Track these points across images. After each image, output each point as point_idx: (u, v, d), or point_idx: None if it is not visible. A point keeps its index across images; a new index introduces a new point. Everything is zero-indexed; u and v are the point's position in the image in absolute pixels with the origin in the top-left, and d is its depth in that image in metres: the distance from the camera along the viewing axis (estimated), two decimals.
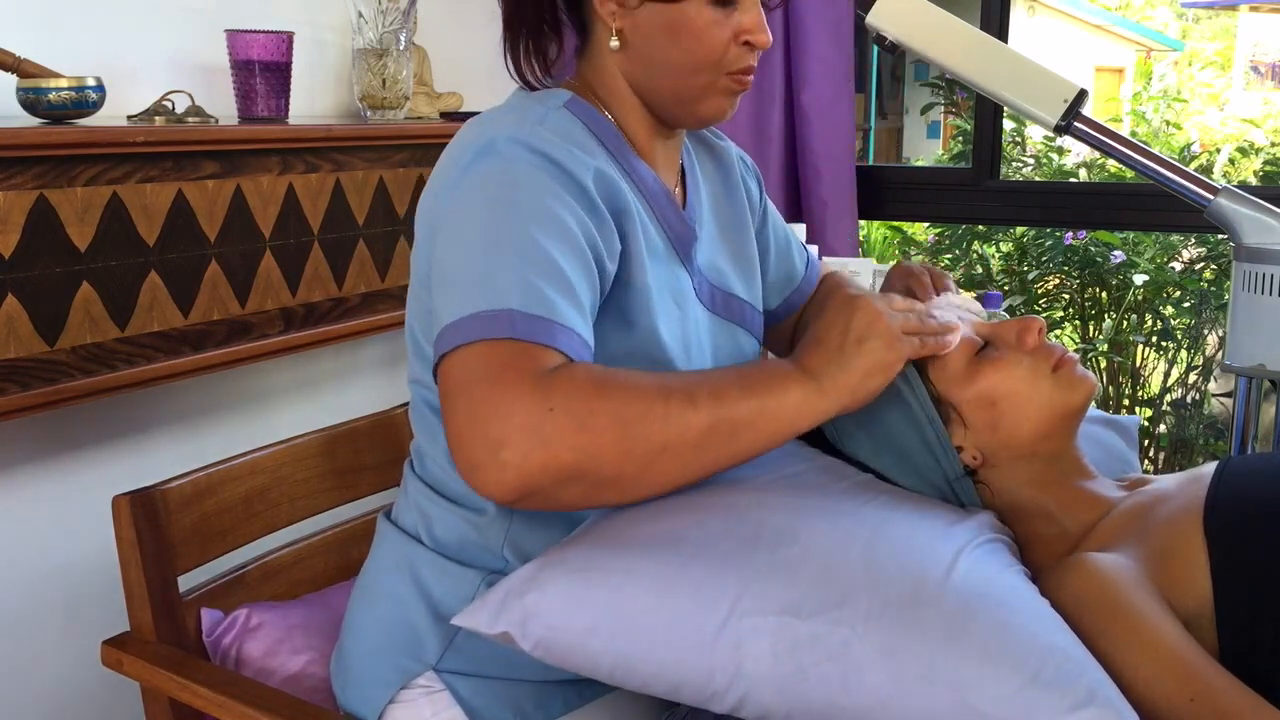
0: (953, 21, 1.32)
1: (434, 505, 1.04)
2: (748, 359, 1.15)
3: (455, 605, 1.00)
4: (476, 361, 0.82)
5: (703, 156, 1.16)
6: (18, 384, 1.26)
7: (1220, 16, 10.99)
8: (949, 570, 0.85)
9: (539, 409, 0.79)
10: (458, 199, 0.92)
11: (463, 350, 0.83)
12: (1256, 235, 1.25)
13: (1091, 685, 0.77)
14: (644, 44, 0.99)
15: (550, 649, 0.88)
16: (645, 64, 1.00)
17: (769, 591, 0.84)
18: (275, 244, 1.56)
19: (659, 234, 1.02)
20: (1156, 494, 1.00)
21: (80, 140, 1.28)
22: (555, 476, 0.80)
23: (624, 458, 0.82)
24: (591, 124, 1.01)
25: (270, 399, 1.81)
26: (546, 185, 0.90)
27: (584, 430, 0.80)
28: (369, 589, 1.08)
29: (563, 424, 0.79)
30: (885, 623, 0.81)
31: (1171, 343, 3.24)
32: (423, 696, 1.01)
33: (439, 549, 1.03)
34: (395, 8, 1.75)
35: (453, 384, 0.83)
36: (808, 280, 1.28)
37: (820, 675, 0.80)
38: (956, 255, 3.50)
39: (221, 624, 1.16)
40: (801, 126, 2.08)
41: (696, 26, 0.96)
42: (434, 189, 0.98)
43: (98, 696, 1.55)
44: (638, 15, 0.97)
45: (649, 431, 0.82)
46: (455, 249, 0.89)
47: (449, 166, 0.97)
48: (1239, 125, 5.08)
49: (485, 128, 0.96)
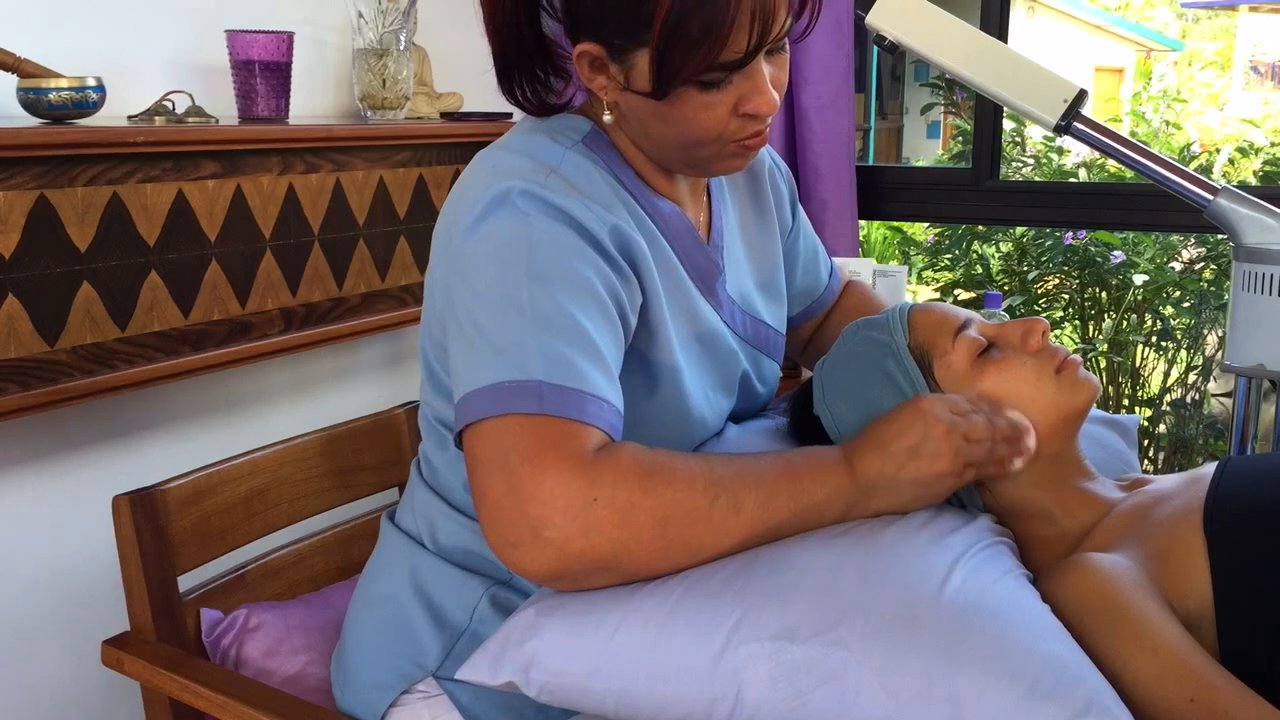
0: (953, 21, 1.32)
1: (441, 513, 1.04)
2: (771, 385, 1.15)
3: (456, 612, 1.00)
4: (510, 437, 0.81)
5: (732, 179, 1.14)
6: (18, 384, 1.26)
7: (1220, 16, 11.00)
8: (944, 583, 0.84)
9: (583, 497, 0.79)
10: (473, 252, 0.89)
11: (492, 423, 0.82)
12: (1256, 235, 1.25)
13: (1089, 693, 0.77)
14: (638, 120, 0.95)
15: (555, 693, 0.87)
16: (644, 135, 0.96)
17: (764, 617, 0.83)
18: (275, 244, 1.56)
19: (684, 272, 1.01)
20: (1156, 494, 1.00)
21: (80, 140, 1.28)
22: (592, 565, 0.81)
23: (659, 556, 0.83)
24: (609, 162, 0.98)
25: (270, 399, 1.81)
26: (564, 242, 0.88)
27: (627, 525, 0.81)
28: (370, 591, 1.08)
29: (605, 515, 0.80)
30: (881, 642, 0.80)
31: (1171, 343, 3.24)
32: (421, 701, 1.00)
33: (443, 555, 1.03)
34: (395, 8, 1.75)
35: (485, 457, 0.82)
36: (830, 290, 1.29)
37: (819, 698, 0.80)
38: (956, 255, 3.51)
39: (221, 624, 1.16)
40: (801, 126, 2.08)
41: (687, 114, 0.90)
42: (447, 229, 0.94)
43: (98, 696, 1.55)
44: (626, 95, 0.92)
45: (689, 535, 0.83)
46: (474, 307, 0.87)
47: (462, 209, 0.92)
48: (1239, 125, 5.07)
49: (499, 173, 0.92)
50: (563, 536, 0.79)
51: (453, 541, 1.03)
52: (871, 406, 1.04)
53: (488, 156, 0.97)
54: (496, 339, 0.85)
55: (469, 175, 0.97)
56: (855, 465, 0.90)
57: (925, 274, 3.78)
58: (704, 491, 0.84)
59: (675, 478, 0.83)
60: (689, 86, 0.88)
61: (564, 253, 0.88)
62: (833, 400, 1.07)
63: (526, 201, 0.89)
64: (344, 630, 1.10)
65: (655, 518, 0.82)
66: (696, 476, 0.84)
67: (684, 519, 0.83)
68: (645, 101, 0.91)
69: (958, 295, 3.47)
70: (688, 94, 0.89)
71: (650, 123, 0.93)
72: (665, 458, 0.85)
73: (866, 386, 1.05)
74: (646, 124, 0.94)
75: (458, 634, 1.00)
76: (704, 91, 0.89)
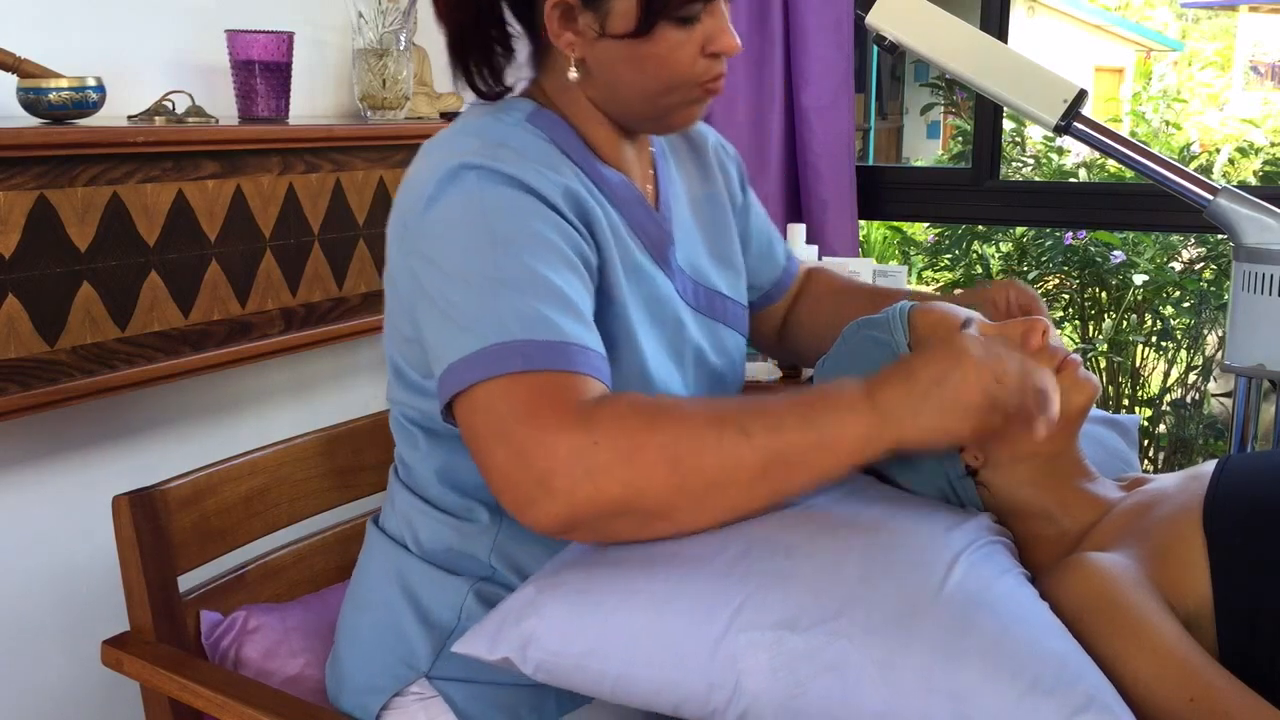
0: (953, 21, 1.32)
1: (420, 513, 1.04)
2: (733, 357, 1.14)
3: (444, 613, 1.00)
4: (502, 399, 0.82)
5: (679, 147, 1.15)
6: (18, 384, 1.26)
7: (1220, 16, 10.99)
8: (946, 578, 0.84)
9: (584, 442, 0.79)
10: (431, 231, 0.90)
11: (482, 389, 0.83)
12: (1256, 235, 1.25)
13: (1090, 690, 0.77)
14: (607, 72, 0.96)
15: (551, 672, 0.87)
16: (610, 89, 0.97)
17: (765, 605, 0.83)
18: (275, 244, 1.56)
19: (634, 242, 1.02)
20: (1156, 493, 1.00)
21: (80, 140, 1.28)
22: (604, 510, 0.80)
23: (676, 493, 0.82)
24: (555, 136, 0.99)
25: (269, 399, 1.81)
26: (521, 206, 0.89)
27: (632, 464, 0.80)
28: (359, 595, 1.08)
29: (608, 458, 0.79)
30: (883, 634, 0.80)
31: (1171, 343, 3.24)
32: (416, 703, 1.00)
33: (426, 557, 1.03)
34: (395, 8, 1.75)
35: (481, 424, 0.83)
36: (788, 274, 1.28)
37: (819, 688, 0.80)
38: (956, 255, 3.51)
39: (220, 626, 1.16)
40: (801, 126, 2.08)
41: (662, 53, 0.93)
42: (402, 216, 0.95)
43: (98, 696, 1.55)
44: (599, 45, 0.94)
45: (702, 465, 0.81)
46: (443, 285, 0.88)
47: (414, 193, 0.93)
48: (1239, 125, 5.07)
49: (448, 152, 0.93)
50: (569, 484, 0.79)
51: (434, 542, 1.03)
52: None
53: (434, 143, 0.98)
54: (471, 308, 0.85)
55: (417, 164, 0.98)
56: (876, 393, 0.84)
57: (925, 274, 3.79)
58: (708, 423, 0.82)
59: (678, 414, 0.82)
60: (667, 23, 0.92)
61: (522, 215, 0.88)
62: None
63: (478, 174, 0.90)
64: (336, 634, 1.10)
65: (663, 455, 0.80)
66: (699, 411, 0.83)
67: (693, 451, 0.81)
68: (619, 49, 0.93)
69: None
70: (664, 32, 0.92)
71: (622, 71, 0.95)
72: (665, 398, 0.85)
73: None
74: (618, 74, 0.95)
75: (447, 634, 1.00)
76: (680, 28, 0.92)
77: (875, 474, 1.05)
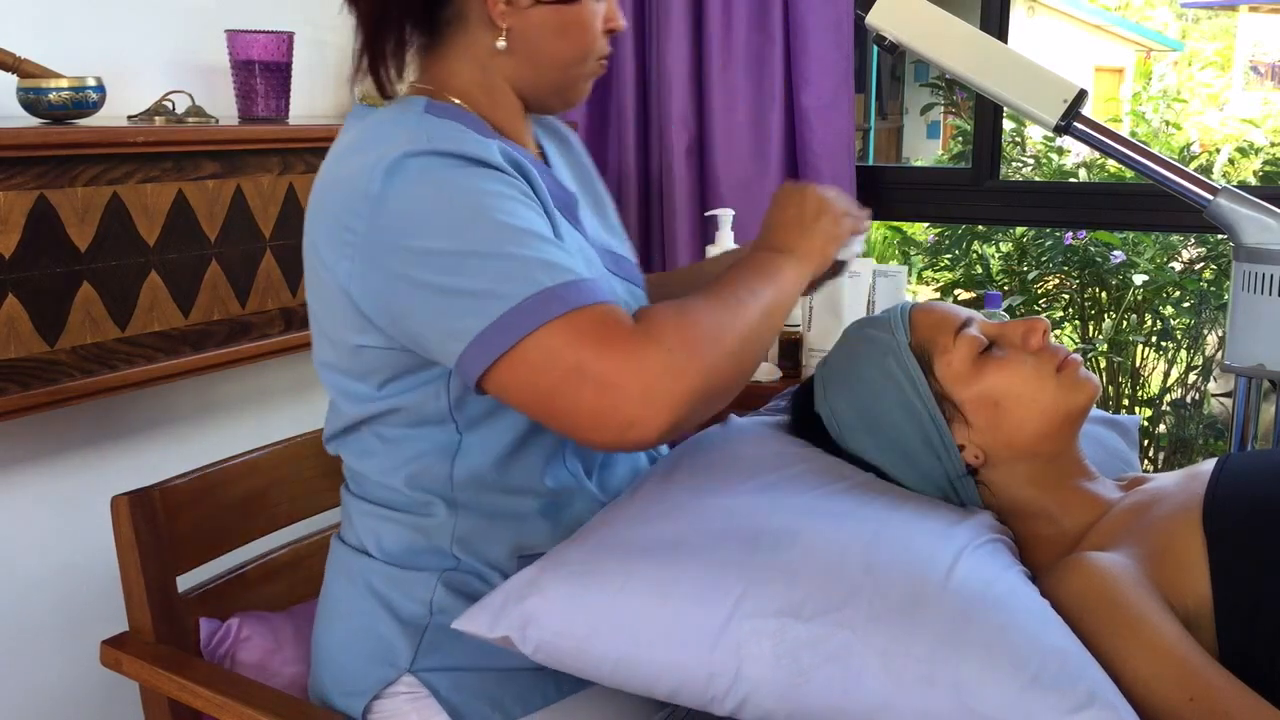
0: (952, 21, 1.32)
1: (378, 520, 1.04)
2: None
3: (414, 607, 1.01)
4: (563, 343, 0.83)
5: (550, 138, 1.17)
6: (18, 384, 1.26)
7: (1220, 16, 10.99)
8: (949, 572, 0.85)
9: (660, 353, 0.83)
10: (396, 225, 0.88)
11: (531, 341, 0.83)
12: (1256, 235, 1.25)
13: (1092, 686, 0.77)
14: (530, 42, 1.00)
15: (550, 653, 0.88)
16: (530, 60, 1.01)
17: (770, 593, 0.84)
18: (275, 244, 1.56)
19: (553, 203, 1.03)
20: (1155, 492, 1.00)
21: (80, 140, 1.28)
22: (694, 402, 0.84)
23: (730, 361, 0.88)
24: (462, 121, 0.99)
25: (270, 399, 1.81)
26: (476, 175, 0.90)
27: (699, 355, 0.85)
28: (329, 609, 1.08)
29: (683, 358, 0.84)
30: (886, 625, 0.81)
31: (1171, 343, 3.24)
32: (408, 703, 1.00)
33: (390, 560, 1.03)
34: None
35: (545, 374, 0.84)
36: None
37: (821, 677, 0.80)
38: (956, 255, 3.51)
39: (217, 633, 1.16)
40: (801, 126, 2.08)
41: (584, 20, 1.00)
42: (339, 222, 0.92)
43: (97, 696, 1.55)
44: (529, 15, 0.98)
45: (735, 332, 0.89)
46: (438, 267, 0.87)
47: (349, 197, 0.91)
48: (1239, 125, 5.07)
49: (374, 152, 0.91)
50: (667, 393, 0.82)
51: (396, 544, 1.03)
52: (872, 405, 1.04)
53: (346, 149, 0.97)
54: (483, 277, 0.85)
55: (333, 172, 0.96)
56: (773, 243, 1.02)
57: (925, 274, 3.78)
58: (719, 303, 0.91)
59: (695, 306, 0.90)
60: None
61: (480, 180, 0.90)
62: (834, 398, 1.07)
63: (419, 159, 0.90)
64: (312, 651, 1.09)
65: (712, 338, 0.87)
66: (703, 299, 0.91)
67: (724, 325, 0.89)
68: (548, 17, 0.99)
69: (958, 295, 3.47)
70: (586, 2, 1.00)
71: (547, 40, 1.01)
72: (665, 303, 0.90)
73: (867, 385, 1.05)
74: (542, 42, 1.01)
75: (422, 628, 1.01)
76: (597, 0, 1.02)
77: (877, 473, 1.05)
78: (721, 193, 2.08)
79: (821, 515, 0.92)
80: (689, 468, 1.03)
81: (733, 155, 2.09)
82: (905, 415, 1.02)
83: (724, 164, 2.09)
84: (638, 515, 0.95)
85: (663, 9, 2.07)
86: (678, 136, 2.09)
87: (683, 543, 0.89)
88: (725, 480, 0.99)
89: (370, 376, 0.97)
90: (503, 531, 1.01)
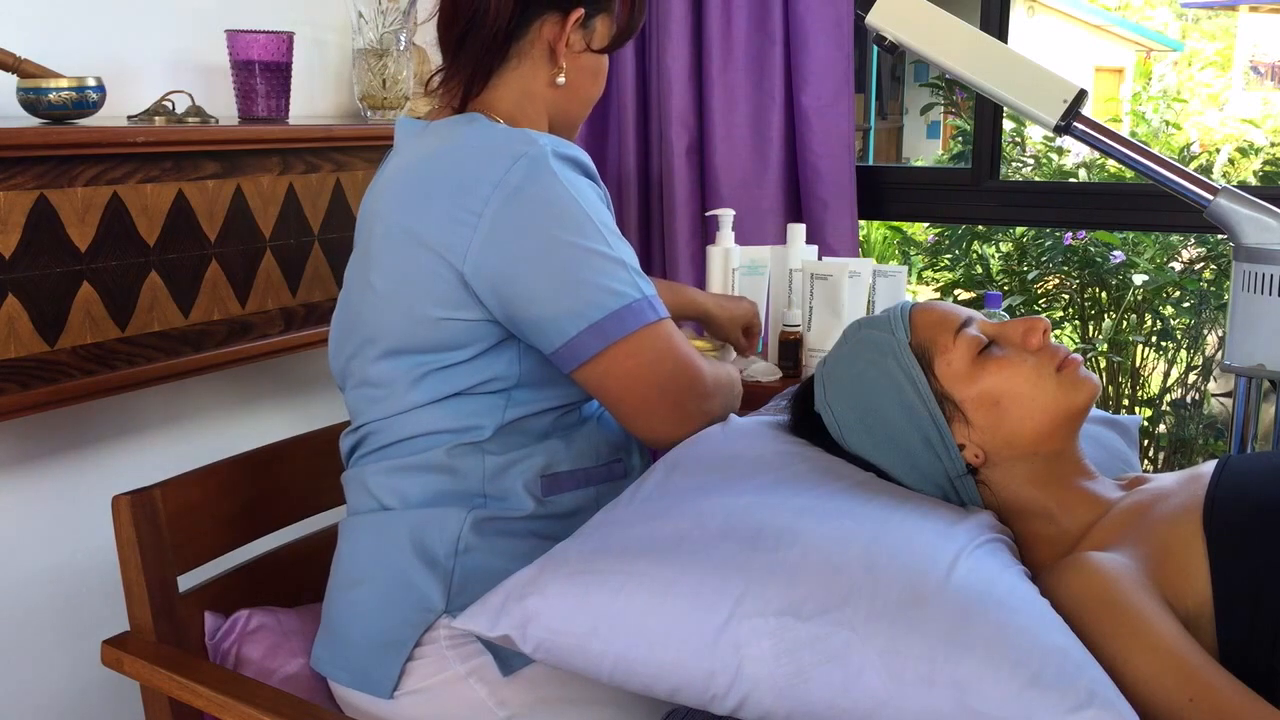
0: (952, 21, 1.32)
1: (400, 475, 1.07)
2: None
3: (443, 547, 1.03)
4: (667, 341, 1.06)
5: None
6: (18, 384, 1.26)
7: (1220, 16, 10.98)
8: (949, 571, 0.85)
9: (712, 371, 1.13)
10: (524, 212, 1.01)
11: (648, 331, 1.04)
12: (1256, 235, 1.25)
13: (1092, 686, 0.77)
14: (575, 81, 1.17)
15: (550, 651, 0.88)
16: (573, 96, 1.18)
17: (770, 592, 0.84)
18: (275, 244, 1.56)
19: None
20: (1156, 492, 1.00)
21: (80, 140, 1.28)
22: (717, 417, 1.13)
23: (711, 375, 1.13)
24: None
25: (269, 399, 1.81)
26: (590, 185, 1.07)
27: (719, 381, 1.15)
28: (347, 575, 1.09)
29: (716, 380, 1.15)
30: (886, 624, 0.81)
31: (1171, 343, 3.24)
32: (449, 649, 1.01)
33: (414, 506, 1.06)
34: (395, 8, 1.75)
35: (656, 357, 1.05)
36: None
37: (821, 676, 0.81)
38: (956, 255, 3.51)
39: (221, 627, 1.16)
40: (801, 126, 2.07)
41: (604, 69, 1.20)
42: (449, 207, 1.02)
43: (98, 696, 1.55)
44: (581, 59, 1.16)
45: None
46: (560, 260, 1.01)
47: (478, 185, 1.01)
48: (1239, 125, 5.07)
49: (503, 149, 1.03)
50: (711, 408, 1.12)
51: (422, 493, 1.06)
52: (872, 404, 1.04)
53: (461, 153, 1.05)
54: (603, 276, 1.02)
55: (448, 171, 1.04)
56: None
57: (925, 274, 3.78)
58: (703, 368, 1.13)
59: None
60: (618, 43, 1.19)
61: (590, 190, 1.06)
62: (834, 398, 1.08)
63: (558, 162, 1.03)
64: (328, 621, 1.10)
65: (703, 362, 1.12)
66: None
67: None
68: (591, 61, 1.18)
69: (958, 295, 3.47)
70: (606, 56, 1.19)
71: (585, 81, 1.19)
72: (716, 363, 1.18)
73: (867, 384, 1.05)
74: (583, 82, 1.19)
75: (450, 568, 1.03)
76: (607, 55, 1.19)
77: (877, 472, 1.05)
78: (721, 193, 2.08)
79: (821, 515, 0.92)
80: (689, 467, 1.03)
81: (733, 155, 2.09)
82: (905, 415, 1.03)
83: (724, 164, 2.09)
84: (638, 514, 0.96)
85: (663, 9, 2.07)
86: (678, 136, 2.09)
87: (683, 542, 0.89)
88: (725, 480, 1.00)
89: (444, 347, 1.05)
90: (527, 460, 1.07)
